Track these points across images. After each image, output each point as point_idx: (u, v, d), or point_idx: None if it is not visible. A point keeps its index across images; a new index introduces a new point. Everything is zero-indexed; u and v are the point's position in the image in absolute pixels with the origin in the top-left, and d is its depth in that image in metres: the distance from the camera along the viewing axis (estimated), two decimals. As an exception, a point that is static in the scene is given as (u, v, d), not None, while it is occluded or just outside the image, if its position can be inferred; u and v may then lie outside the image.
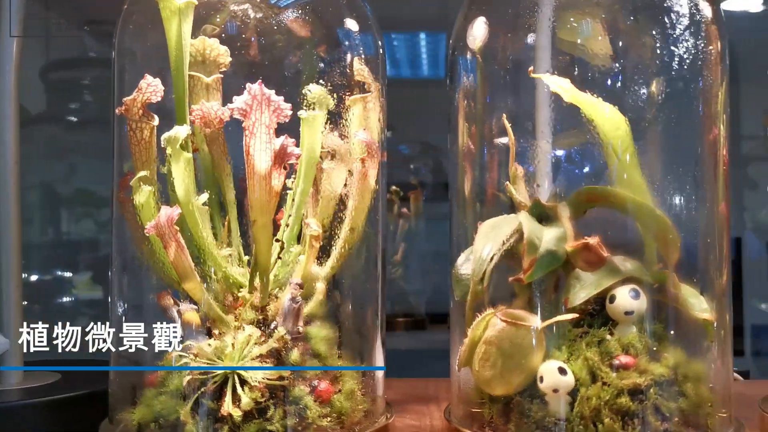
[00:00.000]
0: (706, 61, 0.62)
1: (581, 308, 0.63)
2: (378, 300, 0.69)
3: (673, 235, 0.61)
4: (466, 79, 0.64)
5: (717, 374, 0.63)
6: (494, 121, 0.62)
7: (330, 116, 0.67)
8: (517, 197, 0.66)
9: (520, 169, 0.66)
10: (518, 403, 0.59)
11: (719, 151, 0.63)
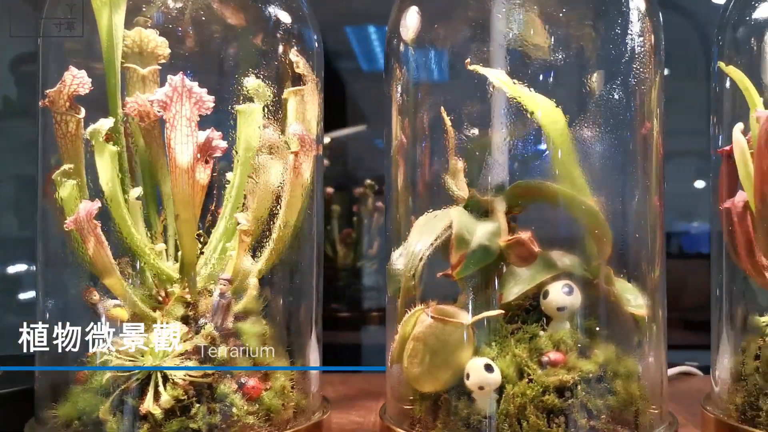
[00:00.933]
0: (639, 54, 0.61)
1: (518, 304, 0.62)
2: (313, 296, 0.68)
3: (604, 229, 0.61)
4: (400, 71, 0.63)
5: (650, 370, 0.62)
6: (426, 114, 0.61)
7: (267, 109, 0.66)
8: (455, 191, 0.65)
9: (460, 163, 0.65)
10: (446, 400, 0.58)
11: (652, 145, 0.62)
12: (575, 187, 0.62)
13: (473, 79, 0.61)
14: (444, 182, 0.65)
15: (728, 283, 0.66)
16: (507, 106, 0.62)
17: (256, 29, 0.69)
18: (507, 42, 0.62)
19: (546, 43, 0.63)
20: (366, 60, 1.63)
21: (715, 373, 0.68)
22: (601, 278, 0.60)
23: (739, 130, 0.64)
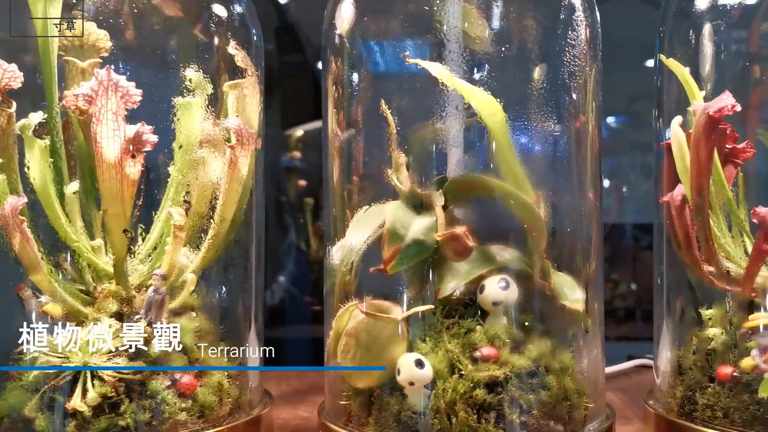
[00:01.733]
0: (574, 48, 0.61)
1: (457, 299, 0.62)
2: (252, 292, 0.68)
3: (537, 223, 0.60)
4: (334, 63, 0.62)
5: (586, 365, 0.62)
6: (360, 107, 0.61)
7: (208, 103, 0.66)
8: (397, 185, 0.65)
9: (402, 157, 0.64)
10: (379, 396, 0.58)
11: (587, 138, 0.62)
12: (515, 180, 0.62)
13: (411, 71, 0.60)
14: (386, 176, 0.64)
15: (668, 275, 0.66)
16: (447, 99, 0.61)
17: (195, 22, 0.68)
18: (446, 34, 0.62)
19: (486, 35, 0.63)
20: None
21: (658, 366, 0.67)
22: (535, 272, 0.60)
23: (678, 124, 0.63)
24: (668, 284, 0.66)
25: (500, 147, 0.61)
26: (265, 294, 1.29)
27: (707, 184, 0.61)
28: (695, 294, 0.64)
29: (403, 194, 0.64)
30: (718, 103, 0.59)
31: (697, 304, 0.64)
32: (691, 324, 0.64)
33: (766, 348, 0.58)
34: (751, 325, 0.59)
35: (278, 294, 1.40)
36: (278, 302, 1.40)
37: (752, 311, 0.61)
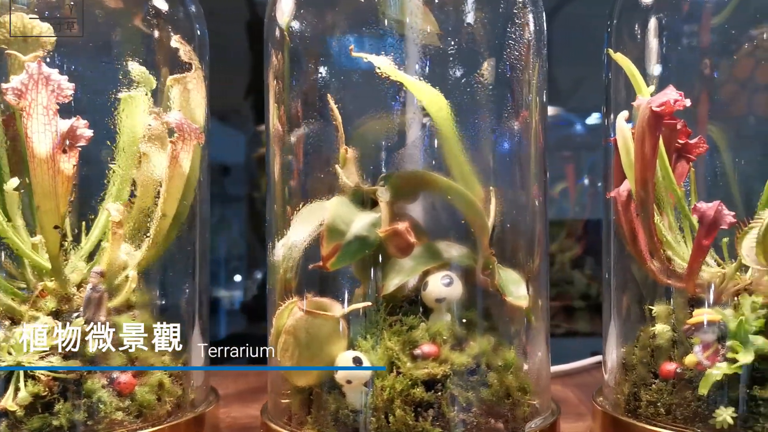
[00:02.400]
0: (517, 43, 0.60)
1: (404, 296, 0.61)
2: (195, 290, 0.67)
3: (480, 218, 0.60)
4: (275, 57, 0.61)
5: (531, 361, 0.62)
6: (300, 102, 0.60)
7: (152, 97, 0.65)
8: (344, 181, 0.64)
9: (351, 152, 0.64)
10: (318, 394, 0.57)
11: (531, 134, 0.62)
12: (463, 175, 0.61)
13: (354, 65, 0.60)
14: (334, 171, 0.63)
15: (615, 271, 0.66)
16: (393, 94, 0.61)
17: (138, 15, 0.67)
18: (390, 27, 0.61)
19: (430, 28, 0.62)
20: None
21: (606, 363, 0.67)
22: (478, 268, 0.59)
23: (623, 118, 0.63)
24: (615, 280, 0.66)
25: (447, 142, 0.61)
26: (246, 291, 1.28)
27: (651, 179, 0.61)
28: (641, 290, 0.64)
29: (349, 190, 0.63)
30: (661, 98, 0.59)
31: (642, 300, 0.63)
32: (637, 320, 0.64)
33: (708, 344, 0.58)
34: (693, 321, 0.58)
35: (255, 291, 1.39)
36: (258, 299, 1.39)
37: (698, 307, 0.61)
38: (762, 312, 0.58)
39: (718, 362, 0.57)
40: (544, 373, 0.63)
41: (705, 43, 0.67)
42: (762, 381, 0.55)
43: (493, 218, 0.64)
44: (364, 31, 0.61)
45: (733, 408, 0.55)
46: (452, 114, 0.60)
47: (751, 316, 0.58)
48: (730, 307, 0.59)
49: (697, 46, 0.67)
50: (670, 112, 0.65)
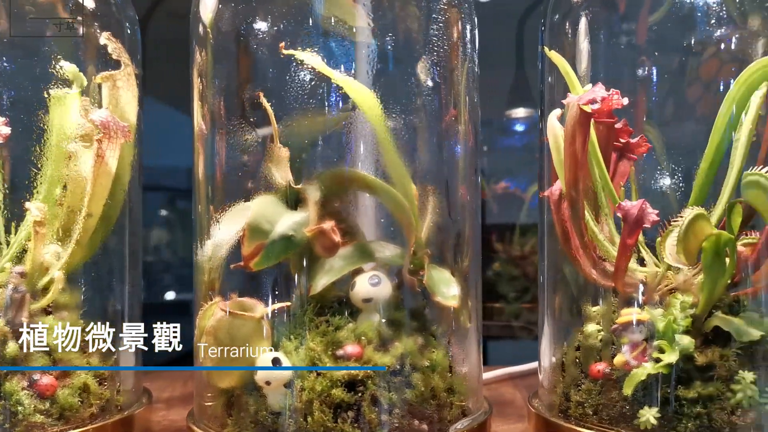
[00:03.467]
0: (446, 43, 0.60)
1: (335, 296, 0.61)
2: (125, 290, 0.66)
3: (408, 217, 0.59)
4: (199, 54, 0.60)
5: (460, 362, 0.61)
6: (222, 100, 0.59)
7: (83, 95, 0.64)
8: (276, 179, 0.63)
9: (284, 151, 0.63)
10: (238, 396, 0.56)
11: (459, 133, 0.61)
12: (396, 174, 0.61)
13: (281, 63, 0.59)
14: (261, 170, 0.63)
15: (549, 270, 0.65)
16: (324, 92, 0.60)
17: (67, 11, 0.66)
18: (319, 24, 0.60)
19: (359, 25, 0.62)
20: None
21: (541, 363, 0.66)
22: (404, 268, 0.59)
23: (555, 117, 0.62)
24: (549, 280, 0.65)
25: (379, 140, 0.60)
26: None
27: (582, 177, 0.60)
28: (572, 290, 0.63)
29: (281, 189, 0.62)
30: (589, 95, 0.58)
31: (574, 301, 0.63)
32: (569, 321, 0.63)
33: (636, 344, 0.57)
34: (622, 321, 0.58)
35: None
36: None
37: (632, 307, 0.60)
38: (690, 311, 0.57)
39: (646, 362, 0.56)
40: (476, 373, 0.62)
41: (640, 42, 0.66)
42: (686, 381, 0.55)
43: (430, 217, 0.63)
44: (291, 28, 0.61)
45: (657, 408, 0.55)
46: (383, 112, 0.59)
47: (679, 315, 0.57)
48: (662, 307, 0.58)
49: (634, 44, 0.67)
50: (607, 110, 0.65)
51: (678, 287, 0.59)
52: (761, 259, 0.57)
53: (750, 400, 0.53)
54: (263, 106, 0.61)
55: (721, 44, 0.62)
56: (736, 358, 0.55)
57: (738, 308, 0.58)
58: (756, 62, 0.56)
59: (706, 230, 0.55)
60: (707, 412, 0.53)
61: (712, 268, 0.56)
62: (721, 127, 0.57)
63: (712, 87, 0.63)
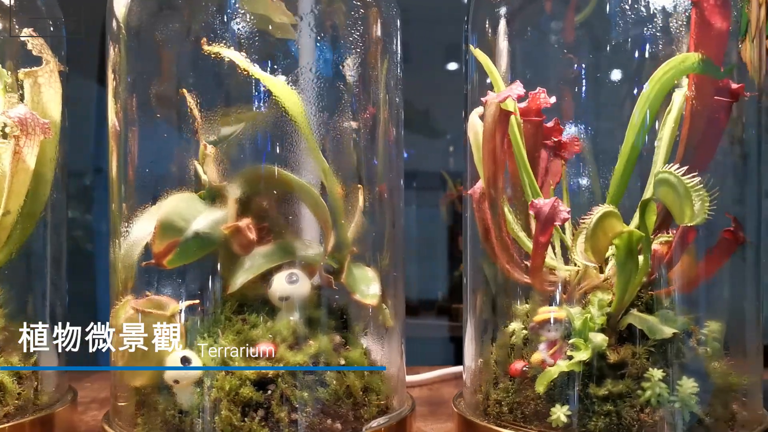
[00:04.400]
0: (367, 40, 0.60)
1: (258, 294, 0.60)
2: (47, 289, 0.65)
3: (325, 215, 0.59)
4: (113, 50, 0.60)
5: (383, 361, 0.61)
6: (136, 98, 0.59)
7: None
8: (202, 177, 0.63)
9: (211, 149, 0.62)
10: (149, 395, 0.56)
11: (379, 132, 0.61)
12: (322, 171, 0.60)
13: (200, 59, 0.58)
14: (193, 168, 0.62)
15: (472, 269, 0.65)
16: (246, 89, 0.60)
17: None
18: (241, 19, 0.60)
19: (288, 20, 0.61)
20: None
21: (465, 362, 0.66)
22: (320, 266, 0.58)
23: (477, 115, 0.62)
24: (471, 279, 0.65)
25: (301, 137, 0.60)
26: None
27: (501, 175, 0.60)
28: (500, 288, 0.63)
29: (207, 186, 0.62)
30: (505, 93, 0.58)
31: (494, 299, 0.63)
32: (490, 319, 0.63)
33: (552, 342, 0.57)
34: (539, 318, 0.58)
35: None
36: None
37: (552, 304, 0.60)
38: (607, 310, 0.57)
39: (562, 360, 0.56)
40: (397, 372, 0.62)
41: (569, 39, 0.66)
42: (598, 379, 0.55)
43: (355, 215, 0.63)
44: (207, 23, 0.60)
45: (567, 406, 0.54)
46: (305, 109, 0.59)
47: (596, 313, 0.57)
48: (583, 305, 0.58)
49: (552, 43, 0.67)
50: (535, 108, 0.65)
51: (598, 285, 0.59)
52: (675, 257, 0.57)
53: (659, 398, 0.53)
54: (187, 102, 0.61)
55: (641, 43, 0.62)
56: (649, 356, 0.55)
57: (655, 306, 0.58)
58: (668, 61, 0.56)
59: (616, 228, 0.55)
60: (617, 410, 0.53)
61: (624, 267, 0.56)
62: (635, 126, 0.57)
63: (636, 86, 0.63)
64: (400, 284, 0.64)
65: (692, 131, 0.59)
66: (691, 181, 0.52)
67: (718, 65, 0.56)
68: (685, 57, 0.56)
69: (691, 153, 0.59)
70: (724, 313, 0.59)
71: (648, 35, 0.62)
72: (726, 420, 0.56)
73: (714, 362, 0.57)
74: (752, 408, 0.59)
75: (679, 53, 0.60)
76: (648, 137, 0.62)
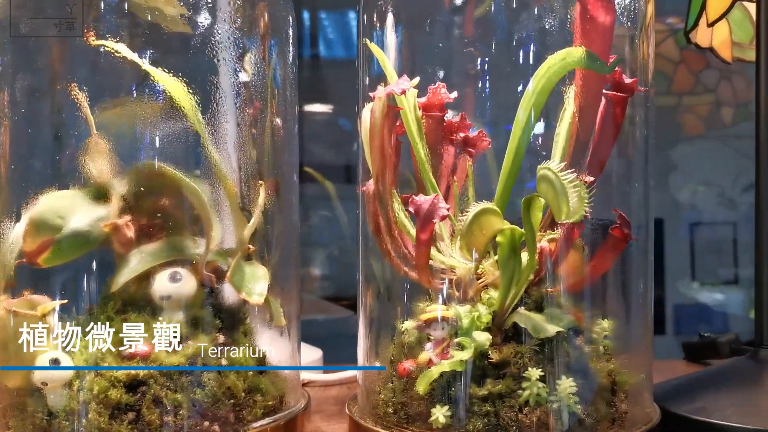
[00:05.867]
0: (250, 35, 0.59)
1: (144, 293, 0.59)
2: None
3: (206, 212, 0.58)
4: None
5: (275, 360, 0.60)
6: (6, 90, 0.57)
7: None
8: (91, 173, 0.61)
9: (97, 144, 0.61)
10: (20, 396, 0.54)
11: (266, 128, 0.60)
12: (213, 166, 0.59)
13: (85, 51, 0.57)
14: (82, 164, 0.61)
15: (364, 267, 0.64)
16: (134, 84, 0.58)
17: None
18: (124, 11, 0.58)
19: (178, 11, 0.60)
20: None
21: (359, 362, 0.65)
22: (201, 264, 0.57)
23: (368, 110, 0.61)
24: (363, 277, 0.64)
25: (193, 132, 0.59)
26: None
27: (389, 170, 0.59)
28: (392, 285, 0.62)
29: (95, 182, 0.60)
30: (389, 87, 0.57)
31: (385, 297, 0.62)
32: (379, 317, 0.62)
33: (439, 341, 0.57)
34: (426, 317, 0.57)
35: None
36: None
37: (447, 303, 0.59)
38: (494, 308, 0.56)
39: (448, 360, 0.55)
40: (291, 372, 0.61)
41: (469, 33, 0.65)
42: (480, 379, 0.54)
43: (258, 214, 0.62)
44: (97, 15, 0.59)
45: (447, 406, 0.54)
46: (196, 104, 0.58)
47: (484, 311, 0.56)
48: (473, 303, 0.57)
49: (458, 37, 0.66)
50: (438, 104, 0.64)
51: (493, 283, 0.58)
52: (561, 255, 0.56)
53: (537, 398, 0.52)
54: (74, 97, 0.59)
55: (539, 38, 0.61)
56: (533, 356, 0.54)
57: (545, 304, 0.57)
58: (552, 57, 0.55)
59: (495, 225, 0.54)
60: (495, 411, 0.52)
61: (507, 264, 0.55)
62: (520, 123, 0.56)
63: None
64: (293, 282, 0.63)
65: (583, 127, 0.59)
66: (567, 177, 0.51)
67: (604, 60, 0.56)
68: (569, 52, 0.55)
69: (581, 149, 0.59)
70: (615, 311, 0.59)
71: (544, 30, 0.61)
72: (611, 419, 0.55)
73: (602, 361, 0.57)
74: (641, 405, 0.58)
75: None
76: (545, 134, 0.61)
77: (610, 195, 0.61)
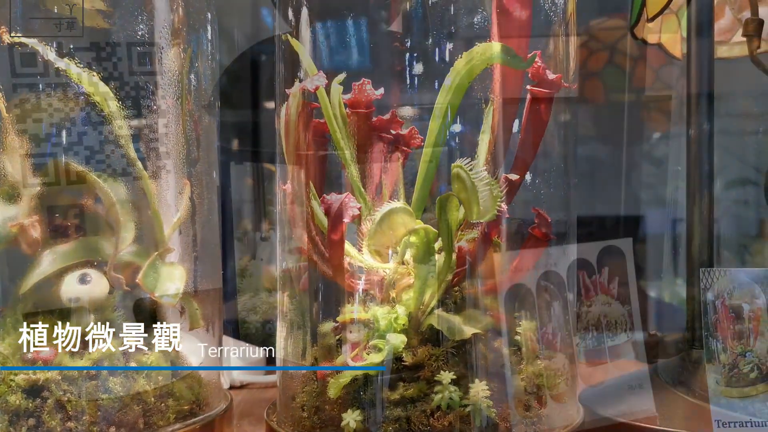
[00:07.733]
0: (164, 30, 0.57)
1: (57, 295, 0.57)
2: None
3: (115, 212, 0.56)
4: None
5: (195, 364, 0.58)
6: None
7: None
8: (8, 172, 0.59)
9: (17, 141, 0.59)
10: None
11: (180, 125, 0.58)
12: (134, 167, 0.58)
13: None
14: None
15: (281, 267, 0.63)
16: (52, 79, 0.57)
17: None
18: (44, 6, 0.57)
19: (95, 6, 0.59)
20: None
21: (279, 364, 0.64)
22: (110, 264, 0.56)
23: (286, 108, 0.59)
24: (282, 275, 0.63)
25: (113, 131, 0.57)
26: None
27: (306, 168, 0.57)
28: (313, 286, 0.60)
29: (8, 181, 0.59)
30: (304, 83, 0.56)
31: (301, 298, 0.60)
32: (296, 320, 0.61)
33: (355, 344, 0.55)
34: (342, 319, 0.56)
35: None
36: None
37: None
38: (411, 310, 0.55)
39: (360, 362, 0.54)
40: (209, 374, 0.60)
41: (392, 29, 0.64)
42: (393, 382, 0.53)
43: (183, 212, 0.61)
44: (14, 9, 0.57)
45: (359, 411, 0.52)
46: (113, 100, 0.56)
47: (402, 313, 0.55)
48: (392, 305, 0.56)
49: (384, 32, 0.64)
50: (365, 101, 0.63)
51: (407, 284, 0.57)
52: (479, 254, 0.55)
53: (450, 402, 0.51)
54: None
55: (464, 32, 0.60)
56: (448, 358, 0.53)
57: (465, 306, 0.56)
58: (469, 52, 0.54)
59: (408, 224, 0.52)
60: (407, 415, 0.51)
61: (421, 264, 0.53)
62: (437, 119, 0.55)
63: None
64: (215, 282, 0.61)
65: (505, 124, 0.57)
66: (478, 175, 0.50)
67: (522, 55, 0.54)
68: (486, 47, 0.54)
69: (505, 147, 0.57)
70: (537, 312, 0.57)
71: (471, 25, 0.60)
72: (529, 422, 0.54)
73: (522, 363, 0.56)
74: (563, 408, 0.57)
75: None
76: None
77: (537, 194, 0.60)
